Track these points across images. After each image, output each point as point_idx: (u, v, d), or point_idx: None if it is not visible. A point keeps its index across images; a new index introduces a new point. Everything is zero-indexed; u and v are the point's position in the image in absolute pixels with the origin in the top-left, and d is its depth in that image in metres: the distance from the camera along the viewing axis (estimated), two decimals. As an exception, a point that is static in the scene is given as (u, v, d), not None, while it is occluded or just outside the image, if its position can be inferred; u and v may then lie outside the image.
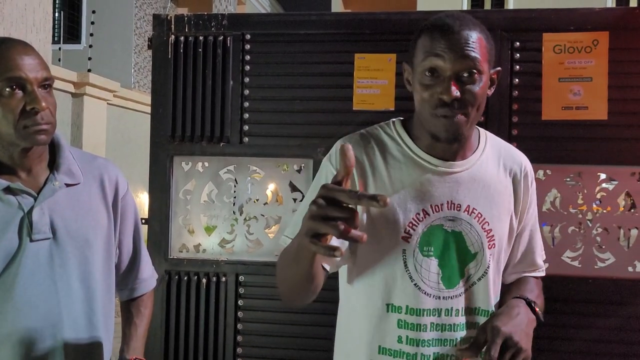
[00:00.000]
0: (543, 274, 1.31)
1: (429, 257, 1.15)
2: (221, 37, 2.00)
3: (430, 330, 1.15)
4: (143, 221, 2.01)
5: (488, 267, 1.18)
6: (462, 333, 1.17)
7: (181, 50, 2.01)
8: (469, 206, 1.16)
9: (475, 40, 1.08)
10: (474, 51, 1.07)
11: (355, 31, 1.95)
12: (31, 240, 1.18)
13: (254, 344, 1.98)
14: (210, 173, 2.05)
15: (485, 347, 1.07)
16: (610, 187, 1.89)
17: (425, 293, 1.15)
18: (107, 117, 7.47)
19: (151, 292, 1.47)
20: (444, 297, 1.16)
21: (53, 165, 1.25)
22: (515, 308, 1.13)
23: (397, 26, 1.92)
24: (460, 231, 1.16)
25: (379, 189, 1.16)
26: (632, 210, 1.89)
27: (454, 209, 1.16)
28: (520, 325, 1.08)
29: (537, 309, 1.15)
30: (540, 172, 1.90)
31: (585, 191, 1.88)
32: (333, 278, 1.29)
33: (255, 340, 1.98)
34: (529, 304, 1.15)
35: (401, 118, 1.25)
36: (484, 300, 1.19)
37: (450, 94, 1.06)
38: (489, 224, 1.17)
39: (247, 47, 2.00)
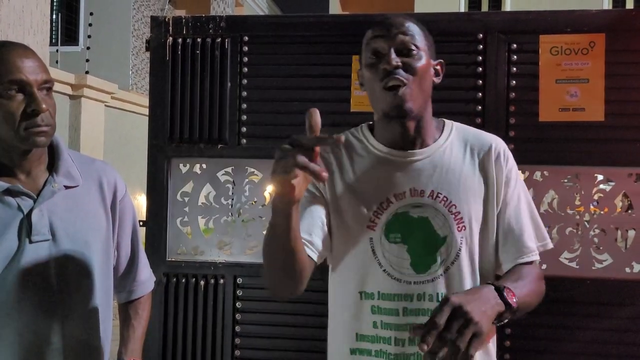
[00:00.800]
0: (535, 258, 1.22)
1: (396, 243, 1.19)
2: (219, 39, 2.00)
3: (404, 315, 1.18)
4: (141, 223, 2.01)
5: (459, 249, 1.18)
6: None
7: (179, 52, 2.01)
8: (432, 191, 1.19)
9: (411, 24, 1.19)
10: (410, 31, 1.18)
11: (353, 33, 1.95)
12: (30, 242, 1.19)
13: (252, 346, 1.98)
14: (208, 175, 2.05)
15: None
16: (608, 188, 1.89)
17: (394, 278, 1.18)
18: (105, 119, 7.47)
19: (149, 294, 1.47)
20: (415, 282, 1.18)
21: (52, 167, 1.26)
22: (477, 289, 1.08)
23: (395, 28, 1.92)
24: (427, 216, 1.19)
25: (346, 184, 1.23)
26: (630, 211, 1.89)
27: (417, 196, 1.19)
28: (476, 301, 1.00)
29: (506, 294, 1.06)
30: (538, 174, 1.90)
31: (583, 192, 1.89)
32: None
33: (254, 342, 1.98)
34: (498, 289, 1.06)
35: (370, 123, 1.30)
36: (459, 285, 1.18)
37: (391, 61, 1.14)
38: (456, 207, 1.19)
39: (245, 49, 2.00)
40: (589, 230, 1.88)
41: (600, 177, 1.90)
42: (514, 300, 1.06)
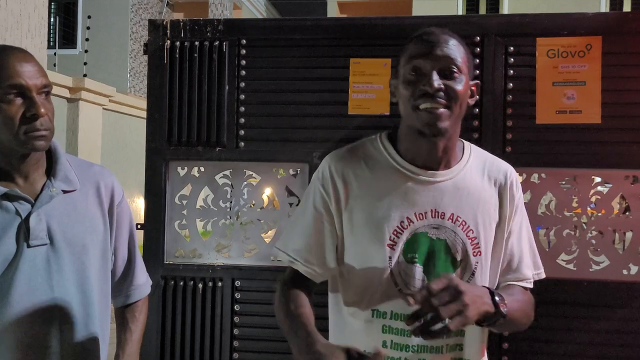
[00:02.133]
0: (530, 286, 1.28)
1: (413, 263, 1.17)
2: (217, 43, 2.00)
3: (415, 336, 1.15)
4: (139, 226, 2.01)
5: (473, 274, 1.20)
6: (449, 340, 1.18)
7: (177, 56, 2.02)
8: (452, 214, 1.19)
9: (455, 44, 1.16)
10: (453, 52, 1.15)
11: (351, 36, 1.96)
12: (28, 246, 1.19)
13: (250, 349, 1.98)
14: (206, 178, 2.05)
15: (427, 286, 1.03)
16: (605, 190, 1.90)
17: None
18: (103, 122, 7.47)
19: (146, 298, 1.47)
20: None
21: (50, 172, 1.26)
22: (476, 286, 1.12)
23: (392, 31, 1.93)
24: (445, 239, 1.18)
25: (365, 197, 1.19)
26: (627, 214, 1.90)
27: (438, 217, 1.18)
28: (472, 289, 1.05)
29: (499, 300, 1.09)
30: (535, 176, 1.91)
31: (580, 194, 1.89)
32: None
33: (252, 345, 1.98)
34: (492, 294, 1.10)
35: (388, 131, 1.28)
36: None
37: (432, 84, 1.12)
38: (473, 232, 1.19)
39: (243, 52, 2.00)
40: (586, 232, 1.88)
41: (597, 179, 1.90)
42: (504, 309, 1.09)
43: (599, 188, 1.90)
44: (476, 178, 1.23)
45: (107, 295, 1.35)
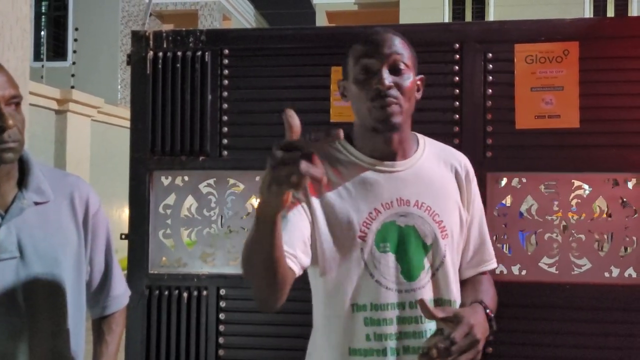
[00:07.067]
0: (495, 265, 1.39)
1: (385, 252, 1.22)
2: (199, 53, 2.01)
3: (397, 324, 1.21)
4: (123, 236, 2.01)
5: (444, 256, 1.25)
6: (429, 324, 1.21)
7: (160, 66, 2.02)
8: (417, 201, 1.24)
9: (399, 42, 1.23)
10: (400, 49, 1.22)
11: (332, 45, 1.98)
12: None
13: (235, 358, 1.97)
14: (190, 187, 2.05)
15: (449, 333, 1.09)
16: (585, 194, 1.92)
17: (386, 288, 1.21)
18: (91, 133, 7.45)
19: (123, 309, 1.45)
20: (406, 290, 1.22)
21: (22, 183, 1.24)
22: (478, 314, 1.17)
23: (373, 39, 1.95)
24: (413, 224, 1.23)
25: (332, 194, 1.23)
26: (607, 217, 1.92)
27: (403, 205, 1.23)
28: (481, 326, 1.12)
29: (492, 320, 1.18)
30: (516, 180, 1.93)
31: (561, 198, 1.91)
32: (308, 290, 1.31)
33: (237, 353, 1.97)
34: (486, 313, 1.18)
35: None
36: (445, 290, 1.25)
37: (384, 82, 1.17)
38: (439, 216, 1.25)
39: (225, 61, 2.01)
40: (567, 235, 1.90)
41: (577, 183, 1.92)
42: (494, 324, 1.18)
43: (580, 192, 1.92)
44: (434, 165, 1.29)
45: (82, 308, 1.33)
